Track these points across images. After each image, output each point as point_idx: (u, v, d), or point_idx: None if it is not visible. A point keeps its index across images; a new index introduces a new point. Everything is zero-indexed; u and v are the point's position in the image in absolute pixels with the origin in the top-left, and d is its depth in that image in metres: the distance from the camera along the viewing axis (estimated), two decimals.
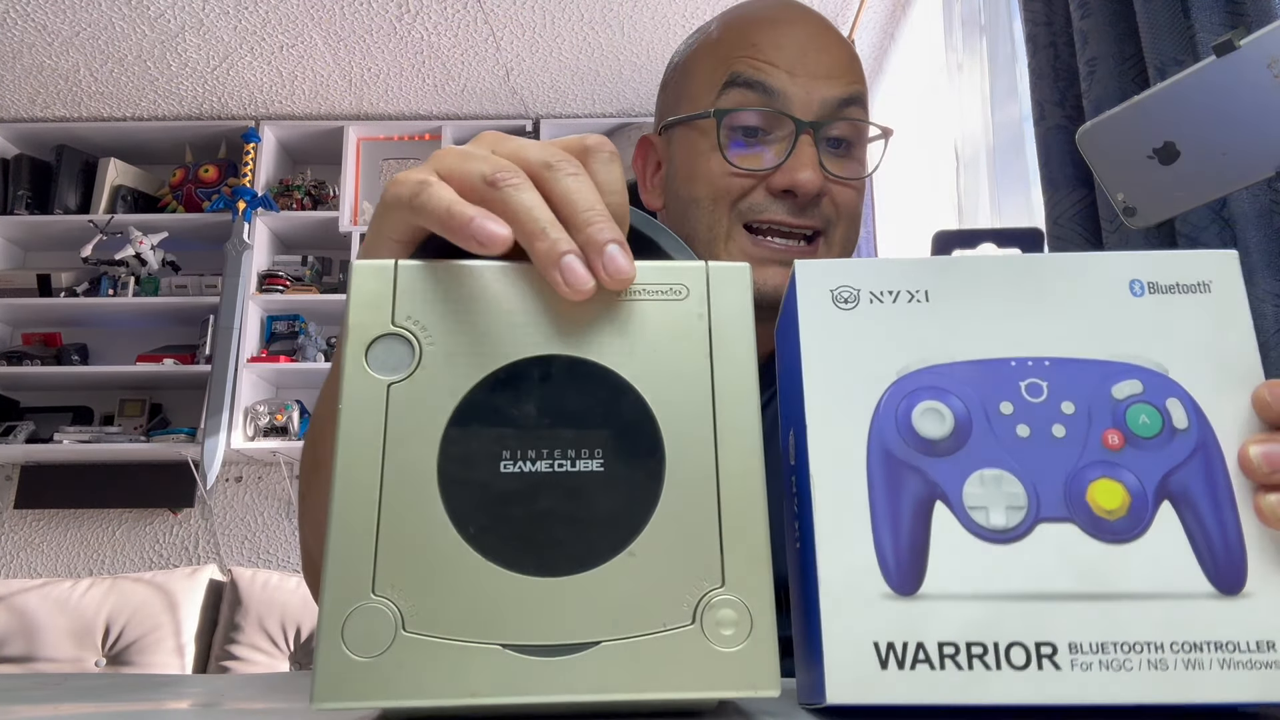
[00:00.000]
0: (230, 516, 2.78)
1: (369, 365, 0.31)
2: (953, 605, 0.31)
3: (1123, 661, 0.30)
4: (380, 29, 2.45)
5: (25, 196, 2.80)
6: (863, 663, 0.30)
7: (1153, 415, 0.32)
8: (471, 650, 0.27)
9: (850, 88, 0.69)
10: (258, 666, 2.17)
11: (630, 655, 0.27)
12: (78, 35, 2.44)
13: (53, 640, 2.16)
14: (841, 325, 0.34)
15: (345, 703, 0.27)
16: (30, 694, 0.44)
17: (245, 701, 0.42)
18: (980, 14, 1.75)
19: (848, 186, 0.69)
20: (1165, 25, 0.96)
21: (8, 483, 2.76)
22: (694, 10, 2.38)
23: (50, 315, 2.80)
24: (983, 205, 1.71)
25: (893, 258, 0.35)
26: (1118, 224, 1.03)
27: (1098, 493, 0.31)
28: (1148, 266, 0.34)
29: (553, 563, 0.28)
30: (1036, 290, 0.34)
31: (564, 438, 0.30)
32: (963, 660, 0.30)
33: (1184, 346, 0.33)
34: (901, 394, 0.33)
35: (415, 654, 0.27)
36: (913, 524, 0.32)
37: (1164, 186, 0.43)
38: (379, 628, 0.27)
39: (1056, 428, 0.32)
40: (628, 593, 0.28)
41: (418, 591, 0.28)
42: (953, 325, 0.34)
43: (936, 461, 0.32)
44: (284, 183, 2.86)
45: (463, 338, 0.31)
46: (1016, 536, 0.31)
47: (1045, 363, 0.33)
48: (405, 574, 0.28)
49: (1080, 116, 1.14)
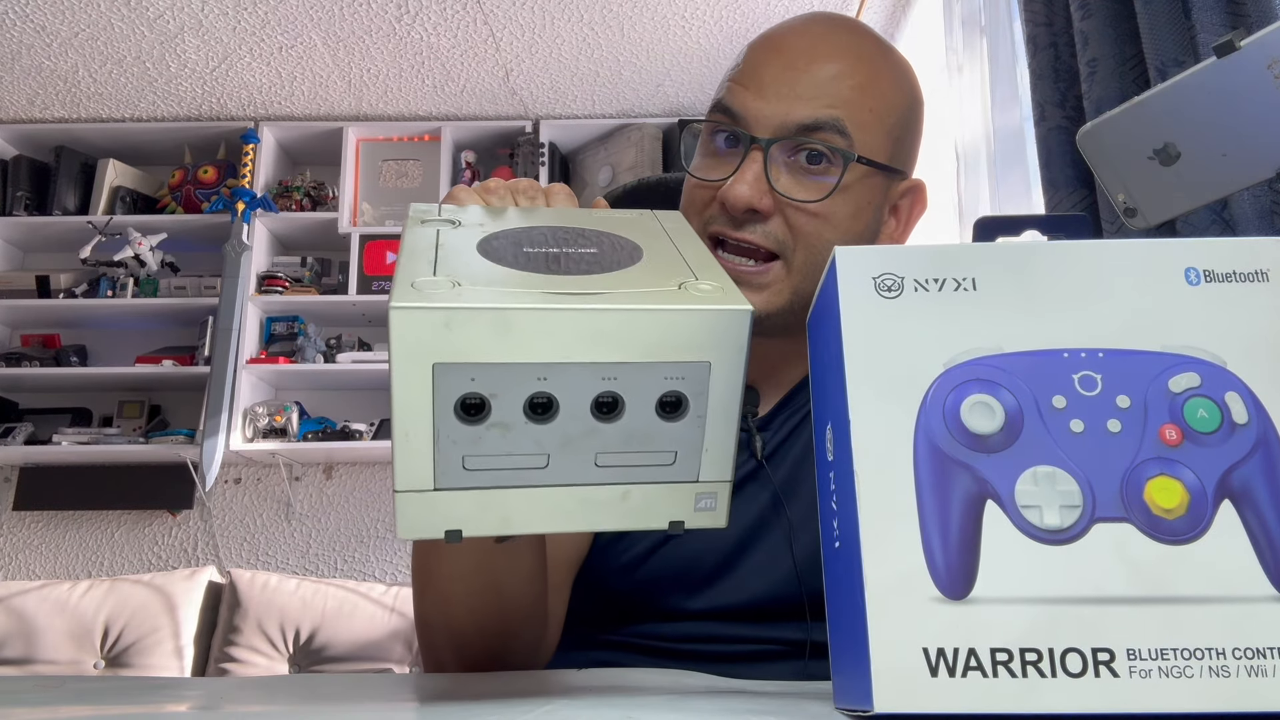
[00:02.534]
0: (229, 518, 2.77)
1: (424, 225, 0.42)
2: (1006, 609, 0.30)
3: (1183, 668, 0.29)
4: (380, 29, 2.44)
5: (24, 198, 2.79)
6: (912, 670, 0.29)
7: (1211, 409, 0.31)
8: (516, 292, 0.35)
9: (820, 110, 0.65)
10: (257, 669, 2.17)
11: (636, 297, 0.35)
12: (77, 36, 2.44)
13: (51, 642, 2.16)
14: (885, 314, 0.33)
15: (422, 304, 0.33)
16: (29, 696, 0.44)
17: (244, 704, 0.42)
18: (980, 15, 1.74)
19: (805, 212, 0.65)
20: (1166, 26, 0.96)
21: (6, 484, 2.75)
22: (694, 10, 2.38)
23: (49, 316, 2.79)
24: (983, 206, 1.71)
25: (939, 244, 0.34)
26: (1119, 225, 1.02)
27: (1155, 491, 0.30)
28: (1204, 254, 0.33)
29: (567, 269, 0.38)
30: (1089, 278, 0.33)
31: (564, 240, 0.41)
32: (1016, 667, 0.29)
33: (1242, 337, 0.32)
34: (949, 387, 0.32)
35: (472, 292, 0.34)
36: (962, 524, 0.30)
37: (1164, 187, 0.43)
38: (441, 284, 0.35)
39: (1112, 422, 0.31)
40: (629, 280, 0.37)
41: (466, 278, 0.36)
42: (1002, 314, 0.32)
43: (987, 458, 0.31)
44: (283, 184, 2.86)
45: (484, 222, 0.43)
46: (1071, 537, 0.30)
47: (1099, 354, 0.32)
48: (457, 271, 0.36)
49: (1081, 117, 1.14)
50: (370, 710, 0.41)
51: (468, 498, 0.35)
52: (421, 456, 0.34)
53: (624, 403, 0.35)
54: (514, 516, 0.36)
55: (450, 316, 0.33)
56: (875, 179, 0.69)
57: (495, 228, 0.42)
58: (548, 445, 0.35)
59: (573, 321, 0.34)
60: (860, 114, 0.66)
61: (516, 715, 0.34)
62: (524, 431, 0.35)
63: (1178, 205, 0.43)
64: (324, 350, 2.69)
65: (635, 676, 0.52)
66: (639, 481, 0.36)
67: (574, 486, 0.36)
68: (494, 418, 0.34)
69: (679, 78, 2.69)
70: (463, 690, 0.47)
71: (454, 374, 0.33)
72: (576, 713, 0.35)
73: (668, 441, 0.36)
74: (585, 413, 0.35)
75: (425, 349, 0.33)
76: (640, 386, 0.35)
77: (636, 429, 0.35)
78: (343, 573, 2.70)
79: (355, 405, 2.75)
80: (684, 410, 0.35)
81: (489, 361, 0.33)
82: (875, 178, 0.68)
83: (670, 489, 0.37)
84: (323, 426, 2.63)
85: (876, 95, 0.68)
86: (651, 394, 0.35)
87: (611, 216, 0.46)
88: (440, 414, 0.34)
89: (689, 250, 0.41)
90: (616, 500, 0.37)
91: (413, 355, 0.33)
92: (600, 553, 0.70)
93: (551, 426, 0.35)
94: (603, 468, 0.36)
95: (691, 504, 0.37)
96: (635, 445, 0.36)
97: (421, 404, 0.33)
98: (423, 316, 0.33)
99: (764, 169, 0.65)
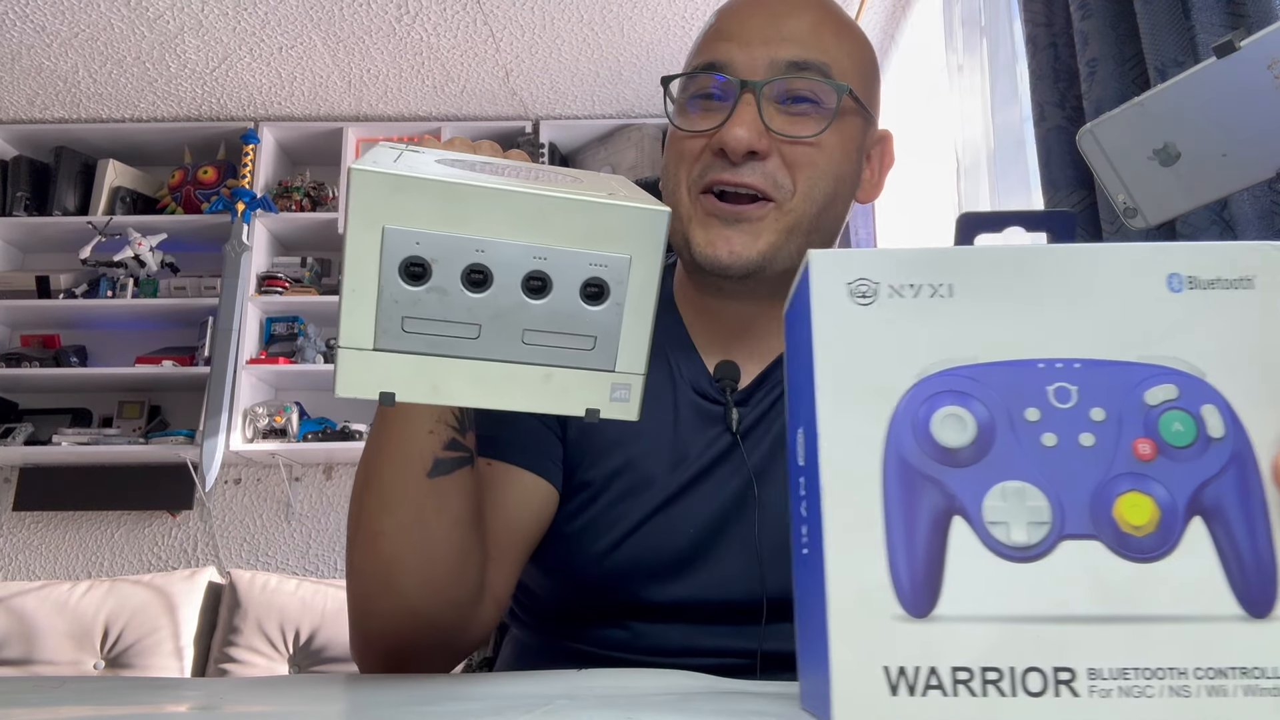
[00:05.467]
0: (229, 519, 2.77)
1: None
2: (968, 628, 0.29)
3: (1144, 688, 0.29)
4: (380, 30, 2.44)
5: (24, 198, 2.79)
6: (872, 688, 0.29)
7: (1187, 423, 0.30)
8: (464, 176, 0.37)
9: (805, 52, 0.68)
10: (257, 669, 2.17)
11: (571, 192, 0.38)
12: (76, 36, 2.44)
13: (51, 643, 2.16)
14: (858, 322, 0.32)
15: (380, 168, 0.36)
16: (29, 697, 0.44)
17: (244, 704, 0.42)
18: (980, 15, 1.74)
19: (802, 144, 0.68)
20: (1166, 26, 0.96)
21: (6, 485, 2.75)
22: (694, 10, 2.38)
23: (49, 317, 2.79)
24: (983, 206, 1.71)
25: (915, 247, 0.33)
26: (1118, 225, 1.02)
27: (1125, 507, 0.30)
28: (1187, 259, 0.32)
29: (518, 181, 0.39)
30: (1068, 284, 0.32)
31: (518, 172, 0.42)
32: (977, 686, 0.29)
33: (1223, 348, 0.31)
34: (921, 398, 0.31)
35: (423, 167, 0.38)
36: (929, 540, 0.30)
37: (1164, 188, 0.43)
38: (398, 162, 0.38)
39: (1085, 436, 0.30)
40: (570, 189, 0.39)
41: (423, 167, 0.39)
42: (978, 322, 0.32)
43: (956, 472, 0.30)
44: (283, 184, 2.85)
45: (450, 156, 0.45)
46: (1038, 554, 0.30)
47: (1075, 365, 0.31)
48: (416, 164, 0.39)
49: (1080, 118, 1.14)
50: (369, 710, 0.41)
51: (403, 361, 0.39)
52: (366, 313, 0.38)
53: (552, 283, 0.38)
54: (444, 386, 0.39)
55: (402, 183, 0.36)
56: (857, 120, 0.72)
57: (453, 157, 0.45)
58: (480, 315, 0.38)
59: (513, 202, 0.37)
60: (841, 59, 0.70)
61: (516, 715, 0.34)
62: (460, 299, 0.38)
63: (1178, 205, 0.43)
64: (324, 350, 2.69)
65: (635, 676, 0.52)
66: (561, 365, 0.40)
67: (501, 363, 0.39)
68: (433, 282, 0.37)
69: None
70: (463, 690, 0.47)
71: (401, 238, 0.37)
72: (576, 713, 0.35)
73: (589, 326, 0.39)
74: (516, 288, 0.38)
75: (378, 211, 0.36)
76: (567, 270, 0.38)
77: (561, 310, 0.39)
78: (343, 573, 2.70)
79: (355, 406, 2.75)
80: (605, 297, 0.39)
81: (433, 231, 0.37)
82: (857, 118, 0.72)
83: (589, 375, 0.40)
84: (323, 427, 2.63)
85: (850, 42, 0.73)
86: (577, 278, 0.38)
87: (559, 170, 0.49)
88: (385, 274, 0.37)
89: (628, 188, 0.44)
90: (539, 381, 0.40)
91: (366, 216, 0.36)
92: (570, 542, 0.69)
93: (485, 297, 0.38)
94: (529, 345, 0.39)
95: (608, 393, 0.41)
96: (560, 326, 0.39)
97: (370, 263, 0.37)
98: (379, 180, 0.36)
99: (758, 111, 0.67)
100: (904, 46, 2.34)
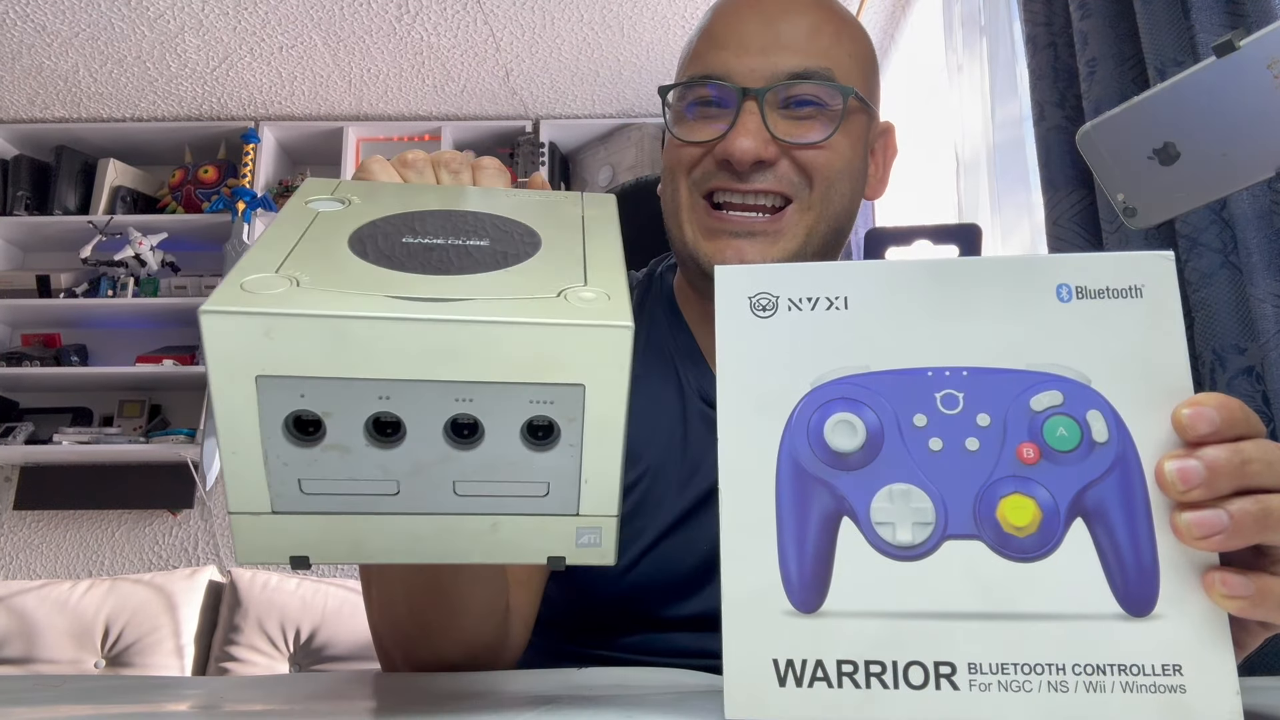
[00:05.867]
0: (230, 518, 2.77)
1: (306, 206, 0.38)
2: (854, 623, 0.31)
3: (1022, 683, 0.30)
4: (380, 29, 2.44)
5: (24, 197, 2.79)
6: (761, 680, 0.31)
7: (1071, 428, 0.31)
8: (358, 298, 0.30)
9: (805, 59, 0.67)
10: (257, 668, 2.17)
11: (501, 306, 0.30)
12: (77, 36, 2.44)
13: (52, 642, 2.16)
14: (758, 333, 0.34)
15: (238, 308, 0.29)
16: (29, 696, 0.44)
17: (244, 703, 0.42)
18: (980, 14, 1.74)
19: (812, 149, 0.67)
20: (1165, 26, 0.96)
21: (7, 484, 2.76)
22: (694, 10, 2.38)
23: (49, 316, 2.79)
24: (983, 206, 1.71)
25: (814, 263, 0.35)
26: (1118, 225, 1.03)
27: (1008, 509, 0.31)
28: (1077, 270, 0.33)
29: (439, 267, 0.33)
30: (961, 296, 0.33)
31: (456, 230, 0.36)
32: (860, 679, 0.30)
33: (1109, 355, 0.32)
34: (815, 405, 0.33)
35: (306, 296, 0.30)
36: (818, 540, 0.31)
37: (1164, 187, 0.43)
38: (275, 283, 0.30)
39: (970, 441, 0.31)
40: (504, 284, 0.32)
41: (316, 274, 0.31)
42: (871, 333, 0.33)
43: (846, 475, 0.32)
44: (283, 183, 2.86)
45: (379, 204, 0.39)
46: (923, 554, 0.31)
47: (963, 373, 0.32)
48: (306, 266, 0.32)
49: (1080, 117, 1.14)
50: (370, 709, 0.41)
51: (311, 522, 0.32)
52: (254, 476, 0.31)
53: (483, 427, 0.31)
54: (367, 544, 0.32)
55: (272, 324, 0.29)
56: (862, 118, 0.71)
57: (384, 211, 0.38)
58: (395, 471, 0.31)
59: (419, 333, 0.29)
60: (841, 59, 0.69)
61: (516, 715, 0.34)
62: (366, 455, 0.31)
63: (1177, 205, 0.43)
64: None
65: (635, 676, 0.52)
66: (508, 513, 0.32)
67: (432, 515, 0.32)
68: (330, 439, 0.30)
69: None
70: (463, 689, 0.47)
71: (280, 388, 0.29)
72: (576, 712, 0.35)
73: (538, 472, 0.32)
74: (438, 437, 0.31)
75: (245, 359, 0.29)
76: (502, 410, 0.31)
77: (500, 456, 0.31)
78: (343, 572, 2.70)
79: None
80: (555, 438, 0.31)
81: (322, 376, 0.29)
82: (862, 115, 0.71)
83: (546, 521, 0.33)
84: None
85: (850, 40, 0.71)
86: (516, 419, 0.31)
87: (531, 199, 0.42)
88: (268, 432, 0.30)
89: (596, 244, 0.36)
90: (484, 531, 0.32)
91: (231, 366, 0.29)
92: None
93: (398, 451, 0.31)
94: (464, 496, 0.32)
95: (573, 539, 0.33)
96: (500, 475, 0.31)
97: (247, 420, 0.30)
98: (239, 323, 0.29)
99: (762, 119, 0.66)
100: (904, 46, 2.33)
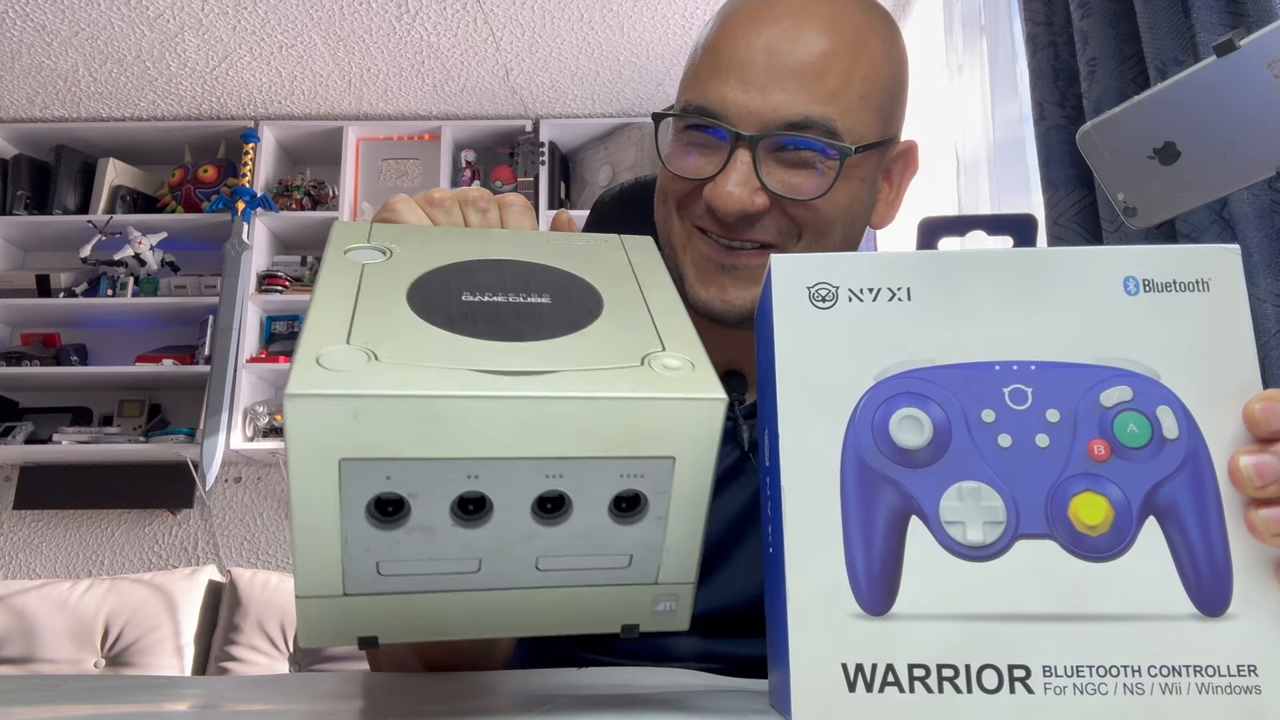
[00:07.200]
0: (229, 517, 2.77)
1: (347, 257, 0.36)
2: (925, 626, 0.30)
3: (1098, 685, 0.29)
4: (380, 29, 2.44)
5: (24, 197, 2.79)
6: (830, 685, 0.30)
7: (1142, 424, 0.31)
8: (442, 374, 0.29)
9: (807, 106, 0.61)
10: (257, 668, 2.17)
11: (587, 379, 0.30)
12: (77, 35, 2.44)
13: (52, 641, 2.16)
14: (817, 325, 0.33)
15: (324, 390, 0.27)
16: (29, 695, 0.44)
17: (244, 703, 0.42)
18: (980, 14, 1.74)
19: (803, 206, 0.63)
20: (1165, 25, 0.96)
21: (7, 483, 2.76)
22: (694, 10, 2.38)
23: (49, 316, 2.79)
24: (983, 205, 1.71)
25: (875, 252, 0.34)
26: (1118, 224, 1.03)
27: (1080, 507, 0.30)
28: (1143, 262, 0.32)
29: (512, 332, 0.32)
30: (1025, 288, 0.32)
31: (513, 284, 0.35)
32: (933, 683, 0.29)
33: (1178, 349, 0.31)
34: (879, 400, 0.32)
35: (389, 373, 0.29)
36: (886, 540, 0.31)
37: (1164, 187, 0.43)
38: (352, 358, 0.29)
39: (1040, 437, 0.31)
40: (583, 351, 0.31)
41: (388, 343, 0.30)
42: (935, 326, 0.32)
43: (913, 473, 0.31)
44: (283, 183, 2.86)
45: (421, 252, 0.37)
46: (994, 554, 0.30)
47: (1031, 367, 0.31)
48: (375, 334, 0.31)
49: (1080, 116, 1.14)
50: (369, 709, 0.41)
51: (384, 603, 0.31)
52: (328, 560, 0.30)
53: (571, 503, 0.30)
54: (440, 622, 0.32)
55: (360, 406, 0.27)
56: (869, 160, 0.66)
57: (432, 261, 0.36)
58: (479, 550, 0.30)
59: (511, 411, 0.28)
60: (849, 101, 0.63)
61: (516, 715, 0.34)
62: (451, 535, 0.30)
63: (1178, 205, 0.43)
64: None
65: (635, 676, 0.52)
66: (588, 585, 0.32)
67: (512, 590, 0.32)
68: (415, 520, 0.29)
69: (679, 77, 2.68)
70: (462, 690, 0.47)
71: (365, 471, 0.28)
72: (576, 712, 0.35)
73: (622, 544, 0.31)
74: (525, 514, 0.30)
75: (330, 443, 0.28)
76: (591, 484, 0.30)
77: (585, 530, 0.31)
78: None
79: None
80: (642, 510, 0.31)
81: (409, 457, 0.28)
82: (869, 158, 0.66)
83: (624, 591, 0.33)
84: None
85: (863, 74, 0.64)
86: (605, 493, 0.30)
87: (572, 245, 0.40)
88: (349, 516, 0.29)
89: (657, 300, 0.36)
90: (562, 604, 0.32)
91: (315, 449, 0.28)
92: None
93: (484, 530, 0.30)
94: (545, 571, 0.31)
95: (650, 607, 0.33)
96: (584, 549, 0.31)
97: (327, 503, 0.29)
98: (326, 407, 0.27)
99: (754, 167, 0.61)
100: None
